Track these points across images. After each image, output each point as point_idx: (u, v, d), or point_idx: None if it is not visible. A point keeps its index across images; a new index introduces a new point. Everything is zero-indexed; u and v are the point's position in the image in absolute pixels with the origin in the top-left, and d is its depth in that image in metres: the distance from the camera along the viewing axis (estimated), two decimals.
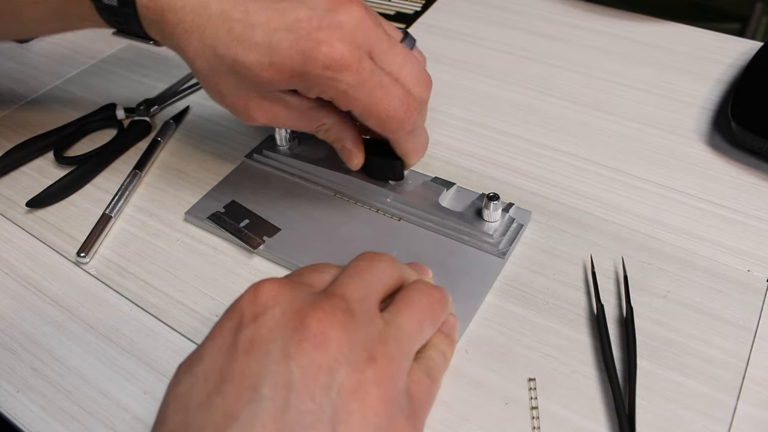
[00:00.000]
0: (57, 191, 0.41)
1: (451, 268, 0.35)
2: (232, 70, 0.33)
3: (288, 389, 0.22)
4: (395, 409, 0.24)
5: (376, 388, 0.23)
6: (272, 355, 0.22)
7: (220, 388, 0.22)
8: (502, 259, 0.35)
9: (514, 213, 0.38)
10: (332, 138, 0.37)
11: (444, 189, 0.39)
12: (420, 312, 0.27)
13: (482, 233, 0.36)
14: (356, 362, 0.23)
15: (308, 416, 0.21)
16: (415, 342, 0.27)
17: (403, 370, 0.25)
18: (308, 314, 0.23)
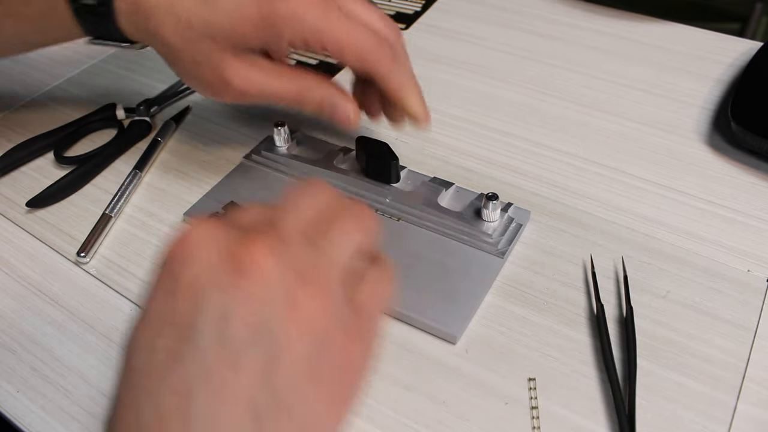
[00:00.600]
0: (57, 191, 0.41)
1: (451, 268, 0.35)
2: (205, 34, 0.34)
3: (225, 321, 0.22)
4: (334, 325, 0.24)
5: (310, 307, 0.23)
6: (206, 291, 0.22)
7: (162, 332, 0.23)
8: (501, 258, 0.35)
9: (513, 213, 0.38)
10: (317, 99, 0.37)
11: (443, 189, 0.39)
12: (349, 224, 0.27)
13: (481, 233, 0.36)
14: (288, 285, 0.23)
15: (247, 343, 0.22)
16: (350, 250, 0.26)
17: (337, 288, 0.25)
18: (237, 247, 0.23)
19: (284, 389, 0.22)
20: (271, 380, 0.22)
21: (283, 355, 0.22)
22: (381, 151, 0.39)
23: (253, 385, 0.22)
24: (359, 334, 0.25)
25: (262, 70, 0.36)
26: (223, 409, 0.21)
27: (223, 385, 0.22)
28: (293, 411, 0.22)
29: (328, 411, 0.24)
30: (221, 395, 0.22)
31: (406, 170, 0.41)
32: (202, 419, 0.21)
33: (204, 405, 0.21)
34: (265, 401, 0.22)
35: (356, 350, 0.25)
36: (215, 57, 0.35)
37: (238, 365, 0.22)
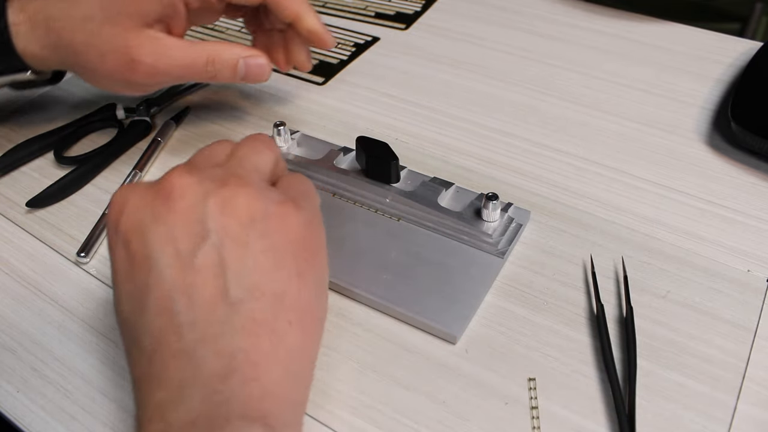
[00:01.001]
0: (57, 191, 0.41)
1: (451, 268, 0.35)
2: (105, 20, 0.36)
3: (173, 240, 0.25)
4: (263, 202, 0.26)
5: (236, 198, 0.26)
6: (147, 226, 0.25)
7: (128, 276, 0.25)
8: (501, 258, 0.35)
9: (513, 213, 0.38)
10: (229, 60, 0.38)
11: (443, 189, 0.39)
12: (250, 142, 0.30)
13: (481, 233, 0.36)
14: (211, 191, 0.26)
15: (197, 248, 0.25)
16: (255, 159, 0.29)
17: (255, 179, 0.28)
18: (158, 184, 0.26)
19: (245, 270, 0.25)
20: (229, 267, 0.24)
21: (228, 242, 0.25)
22: (381, 151, 0.39)
23: (217, 277, 0.24)
24: (293, 202, 0.27)
25: (167, 43, 0.37)
26: (201, 309, 0.24)
27: (192, 288, 0.24)
28: (261, 286, 0.25)
29: (292, 277, 0.26)
30: (194, 297, 0.24)
31: (406, 170, 0.41)
32: (188, 325, 0.24)
33: (186, 312, 0.24)
34: (233, 286, 0.24)
35: (295, 215, 0.27)
36: (120, 41, 0.36)
37: (196, 268, 0.24)
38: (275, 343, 0.24)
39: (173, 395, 0.23)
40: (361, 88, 0.50)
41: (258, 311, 0.24)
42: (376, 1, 0.61)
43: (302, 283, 0.26)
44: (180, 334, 0.24)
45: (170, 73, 0.38)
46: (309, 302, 0.26)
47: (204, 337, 0.23)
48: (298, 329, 0.25)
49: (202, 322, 0.24)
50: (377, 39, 0.56)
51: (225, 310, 0.24)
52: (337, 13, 0.60)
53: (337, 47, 0.55)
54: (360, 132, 0.45)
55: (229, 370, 0.23)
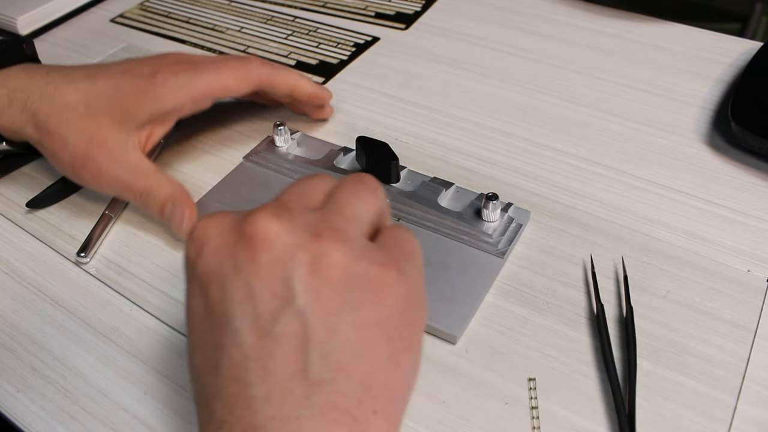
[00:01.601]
0: (57, 191, 0.41)
1: (451, 268, 0.35)
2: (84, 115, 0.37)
3: (252, 298, 0.22)
4: (360, 264, 0.23)
5: (330, 256, 0.23)
6: (226, 275, 0.23)
7: (204, 328, 0.23)
8: (501, 258, 0.35)
9: (513, 213, 0.38)
10: (159, 194, 0.37)
11: (443, 189, 0.39)
12: (353, 185, 0.26)
13: (481, 233, 0.36)
14: (302, 245, 0.23)
15: (280, 314, 0.22)
16: (357, 207, 0.25)
17: (355, 233, 0.24)
18: (242, 225, 0.24)
19: (330, 347, 0.22)
20: (313, 341, 0.22)
21: (315, 310, 0.22)
22: (381, 151, 0.39)
23: (298, 350, 0.22)
24: (396, 265, 0.24)
25: (127, 156, 0.37)
26: (277, 384, 0.21)
27: (270, 359, 0.22)
28: (347, 368, 0.22)
29: (384, 360, 0.23)
30: (270, 371, 0.21)
31: (406, 170, 0.41)
32: (262, 400, 0.21)
33: (260, 385, 0.21)
34: (316, 364, 0.22)
35: (396, 284, 0.24)
36: (86, 134, 0.37)
37: (276, 336, 0.22)
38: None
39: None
40: (361, 88, 0.50)
41: (340, 396, 0.21)
42: (376, 1, 0.61)
43: (394, 367, 0.23)
44: (253, 408, 0.21)
45: (110, 184, 0.37)
46: (399, 389, 0.23)
47: (277, 416, 0.21)
48: (383, 420, 0.22)
49: (276, 399, 0.21)
50: (377, 39, 0.56)
51: (303, 389, 0.21)
52: (337, 13, 0.60)
53: (336, 47, 0.55)
54: (360, 132, 0.45)
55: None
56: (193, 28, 0.59)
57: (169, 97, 0.38)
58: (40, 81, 0.37)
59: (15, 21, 0.58)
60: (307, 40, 0.56)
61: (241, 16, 0.61)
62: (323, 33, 0.57)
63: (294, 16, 0.60)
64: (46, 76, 0.38)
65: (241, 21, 0.60)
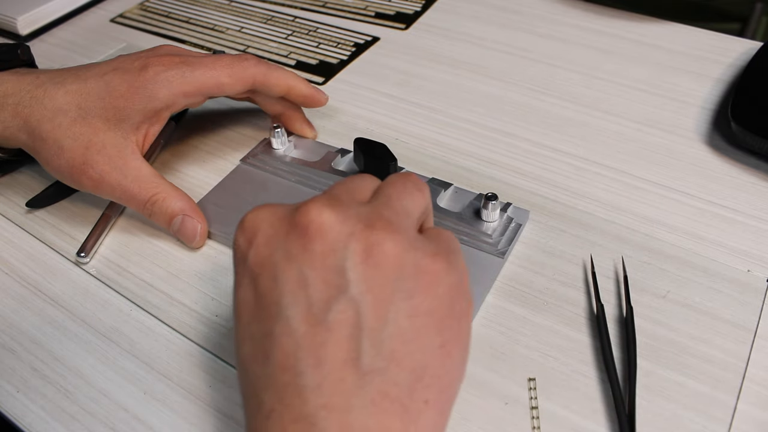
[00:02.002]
0: (57, 191, 0.41)
1: None
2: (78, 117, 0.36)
3: (305, 287, 0.22)
4: (413, 254, 0.23)
5: (383, 246, 0.23)
6: (278, 264, 0.23)
7: (254, 318, 0.23)
8: (501, 258, 0.35)
9: (512, 212, 0.38)
10: (167, 206, 0.37)
11: (441, 190, 0.39)
12: (401, 181, 0.27)
13: (481, 233, 0.36)
14: (355, 234, 0.23)
15: (333, 302, 0.22)
16: (406, 201, 0.26)
17: (406, 225, 0.24)
18: (295, 215, 0.24)
19: (383, 336, 0.22)
20: (366, 330, 0.22)
21: (369, 299, 0.22)
22: (379, 152, 0.39)
23: (351, 339, 0.22)
24: (446, 257, 0.24)
25: (128, 163, 0.37)
26: (329, 373, 0.21)
27: (322, 347, 0.22)
28: (399, 357, 0.22)
29: (435, 349, 0.23)
30: (322, 359, 0.21)
31: (406, 171, 0.40)
32: (313, 389, 0.21)
33: (312, 374, 0.21)
34: (368, 353, 0.22)
35: (447, 274, 0.24)
36: (83, 140, 0.36)
37: (329, 324, 0.22)
38: (406, 423, 0.22)
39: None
40: (361, 88, 0.50)
41: (392, 386, 0.22)
42: (376, 1, 0.61)
43: (446, 356, 0.23)
44: (304, 397, 0.21)
45: (112, 192, 0.37)
46: (450, 379, 0.23)
47: (328, 405, 0.21)
48: (434, 410, 0.22)
49: (328, 388, 0.21)
50: (377, 39, 0.56)
51: (355, 378, 0.21)
52: (337, 13, 0.60)
53: (336, 47, 0.55)
54: (360, 132, 0.45)
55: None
56: (193, 28, 0.59)
57: (161, 92, 0.37)
58: (30, 85, 0.37)
59: (15, 21, 0.58)
60: (307, 40, 0.56)
61: (241, 16, 0.61)
62: (323, 33, 0.57)
63: (294, 16, 0.60)
64: (36, 79, 0.37)
65: (241, 21, 0.60)
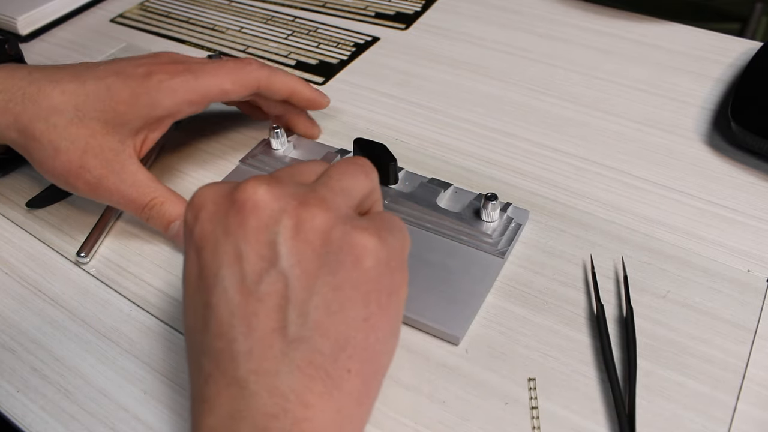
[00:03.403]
0: (57, 191, 0.41)
1: (452, 269, 0.35)
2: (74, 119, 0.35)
3: (240, 260, 0.24)
4: (342, 228, 0.24)
5: (314, 222, 0.24)
6: (218, 239, 0.25)
7: (196, 289, 0.25)
8: (501, 258, 0.35)
9: (512, 212, 0.37)
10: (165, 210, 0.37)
11: (441, 190, 0.39)
12: (346, 164, 0.28)
13: (481, 233, 0.36)
14: (288, 210, 0.24)
15: (264, 275, 0.23)
16: (347, 182, 0.27)
17: (340, 203, 0.25)
18: (235, 193, 0.25)
19: (309, 307, 0.23)
20: (293, 301, 0.23)
21: (297, 272, 0.23)
22: (379, 153, 0.39)
23: (279, 310, 0.23)
24: (377, 233, 0.25)
25: (125, 167, 0.36)
26: (259, 340, 0.23)
27: (254, 317, 0.23)
28: (324, 327, 0.23)
29: (359, 322, 0.24)
30: (253, 328, 0.23)
31: (404, 171, 0.40)
32: (245, 355, 0.23)
33: (243, 341, 0.23)
34: (294, 323, 0.23)
35: (374, 249, 0.24)
36: (80, 143, 0.35)
37: (260, 295, 0.23)
38: (329, 388, 0.23)
39: (223, 424, 0.23)
40: (361, 88, 0.50)
41: (317, 354, 0.23)
42: (376, 1, 0.61)
43: (370, 329, 0.24)
44: (236, 362, 0.23)
45: (110, 197, 0.36)
46: (374, 351, 0.24)
47: (258, 370, 0.23)
48: (357, 378, 0.24)
49: (258, 354, 0.23)
50: (377, 39, 0.56)
51: (282, 346, 0.23)
52: (337, 13, 0.60)
53: (336, 47, 0.55)
54: (360, 132, 0.45)
55: (281, 410, 0.22)
56: (193, 28, 0.59)
57: (165, 101, 0.36)
58: (22, 81, 0.35)
59: (15, 21, 0.58)
60: (307, 40, 0.56)
61: (241, 16, 0.61)
62: (323, 33, 0.57)
63: (294, 16, 0.60)
64: (28, 75, 0.36)
65: (241, 21, 0.60)
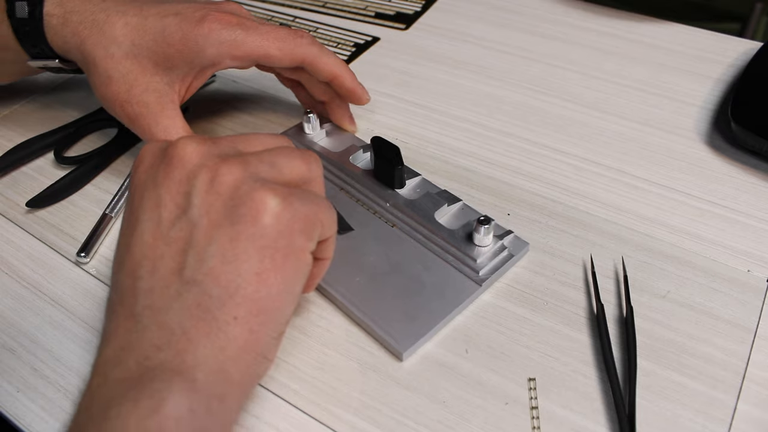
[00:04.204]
0: (57, 191, 0.41)
1: (425, 285, 0.34)
2: (129, 53, 0.38)
3: (159, 207, 0.26)
4: (253, 185, 0.26)
5: (226, 177, 0.26)
6: (147, 187, 0.27)
7: (123, 231, 0.27)
8: (479, 286, 0.34)
9: (509, 241, 0.36)
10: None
11: (445, 204, 0.37)
12: (289, 148, 0.29)
13: (467, 256, 0.35)
14: (208, 166, 0.26)
15: (176, 222, 0.26)
16: (280, 160, 0.28)
17: (260, 168, 0.27)
18: (168, 148, 0.27)
19: (206, 254, 0.25)
20: (194, 246, 0.25)
21: (204, 221, 0.25)
22: (389, 155, 0.38)
23: (182, 253, 0.25)
24: (286, 196, 0.26)
25: (163, 110, 0.38)
26: (160, 280, 0.25)
27: (160, 258, 0.25)
28: (216, 274, 0.25)
29: (251, 275, 0.25)
30: (157, 268, 0.25)
31: (419, 178, 0.40)
32: (145, 292, 0.25)
33: (147, 279, 0.25)
34: (191, 266, 0.25)
35: (276, 208, 0.25)
36: (130, 78, 0.38)
37: (169, 239, 0.26)
38: (215, 330, 0.25)
39: (115, 355, 0.25)
40: None
41: (206, 297, 0.25)
42: (376, 1, 0.61)
43: (260, 284, 0.25)
44: (137, 298, 0.25)
45: (142, 134, 0.39)
46: (264, 304, 0.25)
47: (152, 306, 0.25)
48: (243, 327, 0.25)
49: (156, 293, 0.25)
50: (377, 39, 0.56)
51: (177, 287, 0.25)
52: (337, 13, 0.60)
53: (337, 47, 0.55)
54: (360, 132, 0.45)
55: (165, 342, 0.24)
56: None
57: (210, 51, 0.37)
58: (95, 6, 0.38)
59: None
60: None
61: None
62: (323, 33, 0.57)
63: (294, 16, 0.60)
64: (102, 2, 0.38)
65: None
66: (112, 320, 0.26)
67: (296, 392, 0.31)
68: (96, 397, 0.24)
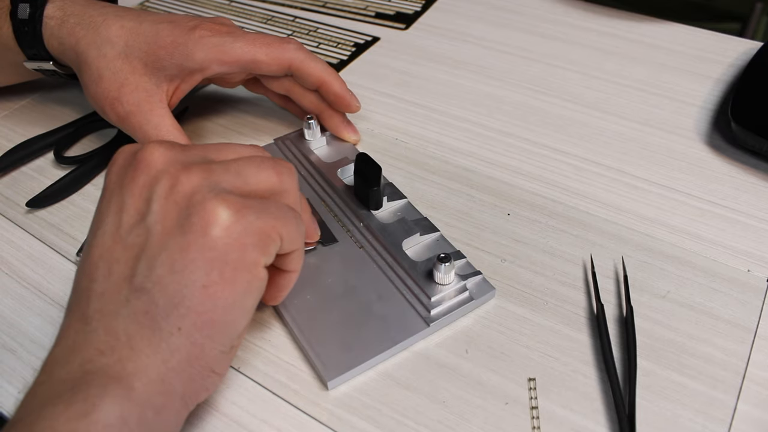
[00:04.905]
0: (57, 191, 0.41)
1: (373, 315, 0.32)
2: (122, 53, 0.39)
3: (121, 211, 0.26)
4: (207, 195, 0.25)
5: (185, 185, 0.25)
6: (114, 191, 0.27)
7: (90, 231, 0.27)
8: (426, 326, 0.32)
9: (474, 284, 0.33)
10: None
11: (418, 233, 0.35)
12: (259, 155, 0.29)
13: (423, 293, 0.33)
14: (171, 173, 0.26)
15: (134, 227, 0.26)
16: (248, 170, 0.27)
17: (224, 178, 0.26)
18: (137, 152, 0.27)
19: (156, 262, 0.25)
20: (146, 253, 0.25)
21: (159, 228, 0.25)
22: (369, 174, 0.37)
23: (135, 259, 0.25)
24: (239, 207, 0.25)
25: (154, 109, 0.39)
26: (112, 284, 0.25)
27: (116, 263, 0.25)
28: (163, 283, 0.25)
29: (197, 287, 0.25)
30: (112, 272, 0.25)
31: (404, 201, 0.38)
32: (98, 295, 0.25)
33: (101, 282, 0.25)
34: (141, 273, 0.25)
35: (227, 221, 0.25)
36: (120, 77, 0.39)
37: (126, 244, 0.26)
38: (158, 339, 0.25)
39: (62, 354, 0.25)
40: (361, 88, 0.50)
41: (152, 305, 0.25)
42: (376, 1, 0.61)
43: (206, 297, 0.25)
44: (90, 300, 0.25)
45: (133, 132, 0.39)
46: (210, 317, 0.25)
47: (103, 310, 0.25)
48: (186, 338, 0.25)
49: (107, 297, 0.25)
50: (377, 39, 0.56)
51: (127, 293, 0.25)
52: (337, 13, 0.60)
53: (337, 47, 0.55)
54: (360, 132, 0.45)
55: (109, 347, 0.24)
56: None
57: (199, 54, 0.38)
58: (94, 11, 0.40)
59: None
60: (307, 40, 0.56)
61: (241, 16, 0.61)
62: (323, 33, 0.57)
63: (294, 16, 0.60)
64: (102, 8, 0.40)
65: (241, 21, 0.60)
66: (66, 319, 0.26)
67: (296, 392, 0.31)
68: (37, 394, 0.24)
